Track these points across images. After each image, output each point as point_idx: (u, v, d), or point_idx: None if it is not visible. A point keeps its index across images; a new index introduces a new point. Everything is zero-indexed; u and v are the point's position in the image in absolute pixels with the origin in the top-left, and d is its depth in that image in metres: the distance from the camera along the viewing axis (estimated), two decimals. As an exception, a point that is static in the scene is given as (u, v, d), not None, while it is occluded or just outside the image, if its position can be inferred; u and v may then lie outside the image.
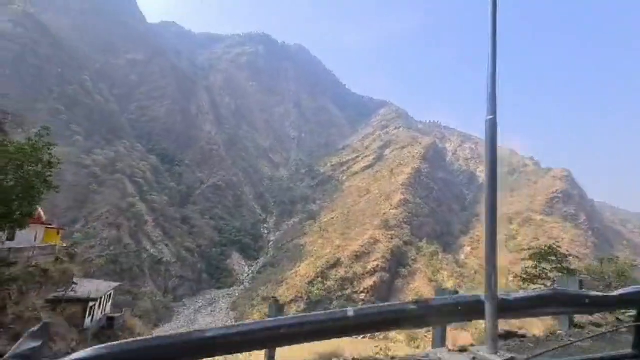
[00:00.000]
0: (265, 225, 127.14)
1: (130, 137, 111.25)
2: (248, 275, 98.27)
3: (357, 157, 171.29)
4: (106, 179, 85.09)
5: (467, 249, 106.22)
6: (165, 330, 62.85)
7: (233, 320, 75.29)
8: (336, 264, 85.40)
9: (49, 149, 16.97)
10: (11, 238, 19.86)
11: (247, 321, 1.47)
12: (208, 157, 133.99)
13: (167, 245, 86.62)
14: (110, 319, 23.47)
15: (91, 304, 18.89)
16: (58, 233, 23.72)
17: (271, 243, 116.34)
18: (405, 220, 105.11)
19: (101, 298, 21.64)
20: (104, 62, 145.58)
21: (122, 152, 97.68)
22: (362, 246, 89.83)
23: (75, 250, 31.04)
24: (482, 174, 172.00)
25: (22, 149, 15.89)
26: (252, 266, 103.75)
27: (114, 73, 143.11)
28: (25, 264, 16.05)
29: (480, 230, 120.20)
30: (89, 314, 19.04)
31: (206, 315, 78.03)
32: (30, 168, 15.89)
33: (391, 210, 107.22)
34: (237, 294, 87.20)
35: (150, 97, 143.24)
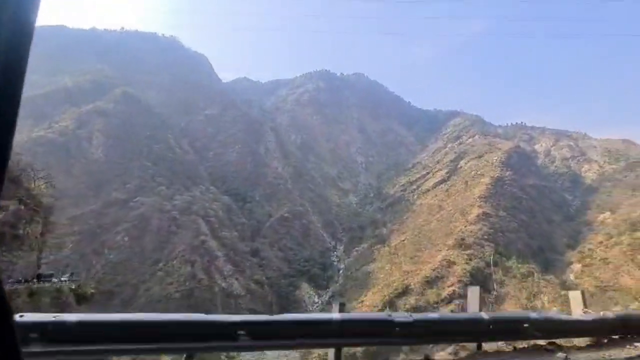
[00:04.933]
0: (334, 253, 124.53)
1: (205, 182, 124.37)
2: (318, 305, 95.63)
3: (428, 173, 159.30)
4: (183, 220, 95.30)
5: (577, 266, 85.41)
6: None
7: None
8: (405, 291, 77.21)
9: None
10: None
11: None
12: (276, 191, 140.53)
13: (237, 279, 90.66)
14: None
15: None
16: None
17: (341, 271, 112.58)
18: (486, 237, 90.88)
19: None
20: (187, 121, 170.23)
21: (197, 195, 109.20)
22: (433, 270, 79.82)
23: (92, 291, 33.59)
24: (588, 173, 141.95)
25: None
26: (322, 296, 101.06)
27: (194, 129, 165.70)
28: None
29: (594, 242, 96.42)
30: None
31: (275, 349, 77.31)
32: None
33: (467, 227, 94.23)
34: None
35: (224, 144, 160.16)
